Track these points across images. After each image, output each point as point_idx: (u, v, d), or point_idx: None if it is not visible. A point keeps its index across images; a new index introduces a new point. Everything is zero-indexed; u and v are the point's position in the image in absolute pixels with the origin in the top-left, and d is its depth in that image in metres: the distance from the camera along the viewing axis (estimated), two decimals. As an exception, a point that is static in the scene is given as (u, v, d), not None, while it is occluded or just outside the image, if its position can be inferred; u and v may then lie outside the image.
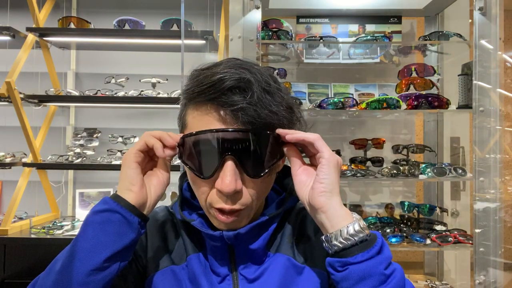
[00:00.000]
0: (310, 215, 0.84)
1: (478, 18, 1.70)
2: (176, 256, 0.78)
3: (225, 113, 0.66)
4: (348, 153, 2.33)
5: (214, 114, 0.67)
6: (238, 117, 0.65)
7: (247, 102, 0.65)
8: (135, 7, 2.73)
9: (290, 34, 2.09)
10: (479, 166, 1.69)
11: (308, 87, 2.26)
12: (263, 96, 0.67)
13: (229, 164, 0.66)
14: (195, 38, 2.28)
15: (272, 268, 0.76)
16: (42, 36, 2.37)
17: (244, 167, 0.67)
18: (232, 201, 0.68)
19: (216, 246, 0.74)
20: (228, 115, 0.66)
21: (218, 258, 0.75)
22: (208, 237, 0.74)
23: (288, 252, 0.78)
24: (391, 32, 2.27)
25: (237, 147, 0.66)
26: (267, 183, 0.73)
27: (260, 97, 0.66)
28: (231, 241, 0.73)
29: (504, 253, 1.67)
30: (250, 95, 0.65)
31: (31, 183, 2.42)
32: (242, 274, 0.75)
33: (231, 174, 0.66)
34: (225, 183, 0.65)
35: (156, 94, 2.31)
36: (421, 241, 1.84)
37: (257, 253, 0.76)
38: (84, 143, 2.50)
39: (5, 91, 2.12)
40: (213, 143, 0.66)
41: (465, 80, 1.91)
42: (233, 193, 0.67)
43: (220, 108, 0.66)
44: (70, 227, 2.24)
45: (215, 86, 0.66)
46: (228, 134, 0.65)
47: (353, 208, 2.30)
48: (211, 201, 0.69)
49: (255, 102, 0.65)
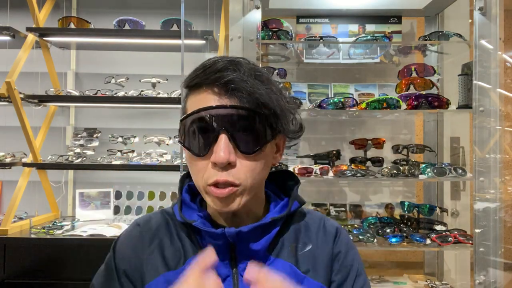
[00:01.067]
0: (313, 221, 0.83)
1: (478, 18, 1.70)
2: (172, 261, 0.78)
3: (218, 90, 0.70)
4: (348, 153, 2.33)
5: (208, 92, 0.71)
6: (230, 92, 0.69)
7: (238, 77, 0.69)
8: (135, 7, 2.73)
9: (290, 34, 2.09)
10: (479, 166, 1.69)
11: (308, 87, 2.26)
12: (253, 79, 0.71)
13: (223, 137, 0.69)
14: (195, 38, 2.28)
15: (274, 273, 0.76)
16: (42, 36, 2.37)
17: (236, 143, 0.70)
18: (227, 174, 0.70)
19: (218, 245, 0.74)
20: (221, 90, 0.70)
21: (219, 258, 0.74)
22: (210, 235, 0.74)
23: (290, 260, 0.78)
24: (391, 32, 2.27)
25: (230, 123, 0.69)
26: (261, 165, 0.74)
27: (250, 78, 0.70)
28: (232, 239, 0.73)
29: (504, 253, 1.67)
30: (242, 73, 0.70)
31: (31, 183, 2.42)
32: (243, 275, 0.74)
33: (225, 146, 0.69)
34: (219, 154, 0.68)
35: (156, 94, 2.31)
36: (421, 241, 1.84)
37: (258, 255, 0.76)
38: (84, 143, 2.50)
39: (5, 91, 2.12)
40: (207, 120, 0.70)
41: (465, 80, 1.91)
42: (226, 163, 0.69)
43: (214, 86, 0.71)
44: (70, 227, 2.24)
45: (209, 68, 0.71)
46: (221, 110, 0.69)
47: (353, 208, 2.30)
48: (207, 177, 0.71)
49: (246, 78, 0.70)
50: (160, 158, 2.39)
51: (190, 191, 0.84)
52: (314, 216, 0.87)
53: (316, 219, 0.86)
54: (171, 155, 2.43)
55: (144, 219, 0.84)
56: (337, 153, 2.13)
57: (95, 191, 2.51)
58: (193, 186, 0.83)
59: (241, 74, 0.70)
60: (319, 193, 2.47)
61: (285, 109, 0.75)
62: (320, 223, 0.85)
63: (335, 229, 0.84)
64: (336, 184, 2.47)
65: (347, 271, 0.81)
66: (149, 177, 2.58)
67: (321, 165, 2.00)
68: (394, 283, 2.12)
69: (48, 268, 2.04)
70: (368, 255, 2.63)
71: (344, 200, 2.45)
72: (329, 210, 2.26)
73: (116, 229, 2.16)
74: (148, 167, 2.31)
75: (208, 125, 0.70)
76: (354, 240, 1.86)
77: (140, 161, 2.36)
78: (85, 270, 2.01)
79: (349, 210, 2.29)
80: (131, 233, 0.83)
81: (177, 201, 0.82)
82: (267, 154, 0.75)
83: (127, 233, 0.84)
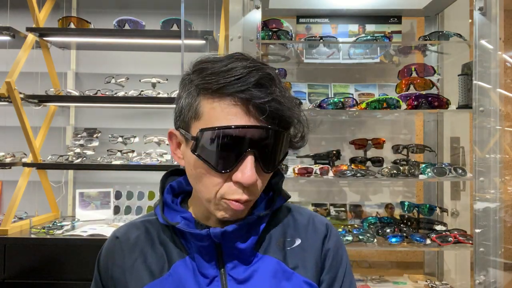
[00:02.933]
0: (301, 216, 0.83)
1: (478, 18, 1.70)
2: (156, 268, 0.76)
3: (251, 107, 0.66)
4: (348, 153, 2.33)
5: (237, 103, 0.66)
6: (263, 112, 0.66)
7: (272, 97, 0.66)
8: (135, 7, 2.73)
9: (290, 34, 2.09)
10: (479, 166, 1.69)
11: (308, 87, 2.26)
12: (282, 93, 0.69)
13: (250, 158, 0.68)
14: (195, 38, 2.28)
15: (262, 271, 0.75)
16: (42, 36, 2.37)
17: (261, 162, 0.69)
18: (248, 192, 0.70)
19: (203, 246, 0.73)
20: (255, 108, 0.66)
21: (206, 259, 0.74)
22: (195, 237, 0.73)
23: (278, 255, 0.77)
24: (391, 32, 2.27)
25: (259, 143, 0.68)
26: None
27: (281, 93, 0.68)
28: (218, 239, 0.72)
29: (504, 253, 1.67)
30: (273, 90, 0.67)
31: (31, 183, 2.42)
32: (231, 275, 0.74)
33: (252, 167, 0.67)
34: (247, 175, 0.67)
35: (156, 94, 2.31)
36: (421, 241, 1.84)
37: (245, 253, 0.75)
38: (84, 143, 2.50)
39: (5, 91, 2.12)
40: (238, 138, 0.67)
41: (465, 80, 1.91)
42: (252, 184, 0.69)
43: (247, 102, 0.66)
44: (70, 227, 2.24)
45: (242, 79, 0.66)
46: (254, 131, 0.67)
47: (353, 208, 2.30)
48: (225, 192, 0.70)
49: (277, 97, 0.67)
50: (160, 158, 2.39)
51: (172, 191, 0.83)
52: (302, 211, 0.86)
53: (304, 215, 0.85)
54: (171, 155, 2.43)
55: (122, 231, 0.82)
56: (337, 153, 2.13)
57: (95, 191, 2.51)
58: (175, 187, 0.83)
59: (277, 94, 0.67)
60: (319, 193, 2.47)
61: (300, 119, 0.74)
62: (310, 219, 0.84)
63: (325, 226, 0.83)
64: (336, 184, 2.47)
65: (336, 269, 0.81)
66: (149, 177, 2.58)
67: (321, 165, 2.00)
68: (394, 283, 2.12)
69: (48, 268, 2.04)
70: (368, 255, 2.63)
71: (344, 200, 2.45)
72: (329, 210, 2.26)
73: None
74: (148, 167, 2.31)
75: (237, 143, 0.67)
76: (354, 240, 1.86)
77: (140, 161, 2.36)
78: (85, 270, 2.01)
79: (349, 210, 2.29)
80: (110, 247, 0.81)
81: (159, 202, 0.80)
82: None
83: (107, 247, 0.82)
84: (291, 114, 0.69)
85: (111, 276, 0.78)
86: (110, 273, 0.78)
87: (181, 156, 0.76)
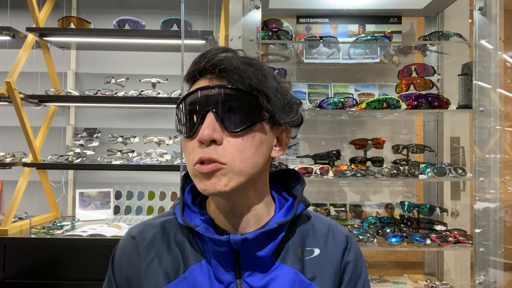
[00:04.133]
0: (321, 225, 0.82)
1: (478, 18, 1.70)
2: (172, 270, 0.75)
3: (209, 74, 0.72)
4: (348, 153, 2.33)
5: (201, 79, 0.73)
6: (218, 74, 0.71)
7: (227, 59, 0.71)
8: (135, 7, 2.73)
9: (290, 34, 2.09)
10: (479, 166, 1.69)
11: (308, 87, 2.26)
12: (244, 64, 0.72)
13: (209, 116, 0.70)
14: (195, 38, 2.28)
15: (279, 280, 0.74)
16: (42, 36, 2.37)
17: (223, 122, 0.70)
18: (211, 150, 0.70)
19: (221, 251, 0.72)
20: (212, 74, 0.72)
21: (223, 264, 0.73)
22: (213, 242, 0.72)
23: (296, 266, 0.76)
24: (391, 32, 2.27)
25: (216, 103, 0.70)
26: (252, 148, 0.72)
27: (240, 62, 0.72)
28: (237, 246, 0.71)
29: (504, 253, 1.67)
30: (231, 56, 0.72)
31: (31, 183, 2.42)
32: (247, 282, 0.73)
33: (209, 124, 0.69)
34: (203, 131, 0.69)
35: (156, 94, 2.31)
36: (421, 241, 1.84)
37: (263, 261, 0.74)
38: (84, 143, 2.50)
39: (5, 91, 2.13)
40: (195, 101, 0.71)
41: (465, 80, 1.91)
42: (209, 139, 0.69)
43: (206, 72, 0.72)
44: (70, 227, 2.24)
45: (202, 56, 0.73)
46: (208, 90, 0.71)
47: (353, 208, 2.30)
48: (193, 156, 0.71)
49: (236, 62, 0.71)
50: (160, 158, 2.39)
51: (192, 191, 0.82)
52: (323, 220, 0.84)
53: (325, 223, 0.83)
54: (171, 155, 2.43)
55: (138, 230, 0.81)
56: (337, 153, 2.13)
57: (95, 191, 2.51)
58: (195, 187, 0.81)
59: (231, 57, 0.72)
60: (319, 193, 2.46)
61: (278, 92, 0.75)
62: (330, 229, 0.82)
63: (345, 237, 0.82)
64: (336, 184, 2.47)
65: (355, 282, 0.80)
66: (149, 177, 2.58)
67: (321, 165, 2.00)
68: (394, 283, 2.11)
69: (48, 268, 2.04)
70: (368, 255, 2.63)
71: (344, 200, 2.45)
72: (329, 210, 2.26)
73: (116, 229, 2.16)
74: (148, 167, 2.31)
75: (196, 106, 0.71)
76: (354, 240, 1.86)
77: (140, 161, 2.36)
78: (85, 270, 2.01)
79: (349, 210, 2.28)
80: (126, 247, 0.80)
81: (179, 202, 0.79)
82: (262, 140, 0.73)
83: (122, 246, 0.81)
84: (250, 76, 0.71)
85: (125, 276, 0.77)
86: (124, 274, 0.78)
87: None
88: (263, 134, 0.73)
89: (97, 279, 1.96)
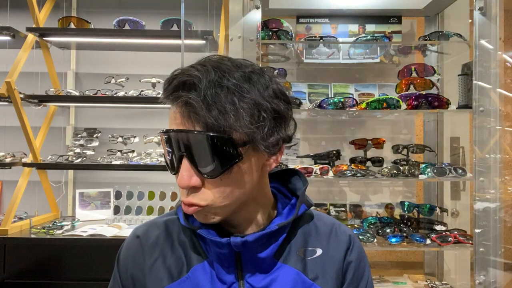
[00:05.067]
0: (324, 225, 0.81)
1: (478, 18, 1.70)
2: (175, 270, 0.76)
3: (175, 110, 0.68)
4: (348, 153, 2.33)
5: (174, 109, 0.69)
6: (185, 114, 0.66)
7: (192, 98, 0.63)
8: (135, 7, 2.73)
9: (290, 34, 2.09)
10: (479, 166, 1.69)
11: (308, 87, 2.26)
12: (216, 94, 0.64)
13: (184, 161, 0.68)
14: (195, 38, 2.28)
15: (280, 280, 0.74)
16: (42, 36, 2.37)
17: (196, 167, 0.67)
18: (192, 195, 0.69)
19: (223, 253, 0.72)
20: (177, 112, 0.67)
21: (225, 265, 0.73)
22: (215, 244, 0.72)
23: (298, 266, 0.76)
24: (391, 32, 2.27)
25: (188, 147, 0.67)
26: (236, 184, 0.69)
27: (211, 94, 0.63)
28: (238, 249, 0.71)
29: (504, 253, 1.67)
30: (199, 91, 0.64)
31: (31, 183, 2.42)
32: (249, 282, 0.73)
33: (186, 171, 0.67)
34: (179, 179, 0.68)
35: (156, 94, 2.31)
36: (421, 241, 1.84)
37: (265, 262, 0.74)
38: (84, 143, 2.50)
39: (5, 91, 2.12)
40: (171, 142, 0.69)
41: (465, 80, 1.91)
42: (187, 188, 0.68)
43: (174, 105, 0.68)
44: (70, 227, 2.24)
45: (170, 83, 0.67)
46: (179, 134, 0.67)
47: (353, 208, 2.31)
48: (181, 194, 0.72)
49: (202, 99, 0.63)
50: (160, 158, 2.39)
51: None
52: (325, 219, 0.84)
53: (327, 223, 0.83)
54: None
55: (143, 230, 0.82)
56: (337, 153, 2.13)
57: (95, 191, 2.51)
58: None
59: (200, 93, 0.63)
60: (319, 193, 2.47)
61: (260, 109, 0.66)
62: (332, 228, 0.82)
63: (348, 237, 0.81)
64: (336, 184, 2.47)
65: (357, 282, 0.80)
66: (149, 177, 2.58)
67: (321, 165, 2.00)
68: (394, 283, 2.12)
69: (48, 268, 2.04)
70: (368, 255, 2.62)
71: (344, 200, 2.45)
72: (329, 210, 2.26)
73: (116, 229, 2.15)
74: (148, 167, 2.31)
75: (172, 147, 0.69)
76: (354, 240, 1.86)
77: (140, 161, 2.36)
78: (85, 270, 2.01)
79: (349, 210, 2.29)
80: (131, 246, 0.81)
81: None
82: (244, 171, 0.69)
83: (127, 245, 0.82)
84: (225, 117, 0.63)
85: (131, 275, 0.78)
86: (130, 273, 0.78)
87: None
88: (245, 165, 0.69)
89: (97, 279, 1.96)
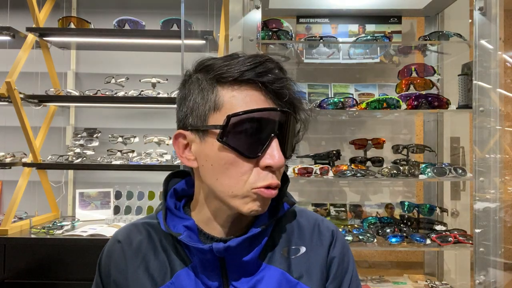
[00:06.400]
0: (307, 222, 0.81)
1: (478, 18, 1.70)
2: (159, 276, 0.75)
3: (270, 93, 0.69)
4: (348, 153, 2.33)
5: (259, 92, 0.69)
6: (280, 97, 0.70)
7: (287, 83, 0.71)
8: (135, 7, 2.73)
9: (290, 34, 2.09)
10: (479, 166, 1.69)
11: (308, 87, 2.26)
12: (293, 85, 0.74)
13: (275, 141, 0.69)
14: (195, 38, 2.28)
15: (265, 281, 0.74)
16: (42, 36, 2.37)
17: (283, 147, 0.70)
18: (277, 177, 0.71)
19: (206, 259, 0.72)
20: (272, 94, 0.70)
21: (209, 270, 0.73)
22: (197, 250, 0.71)
23: (283, 266, 0.75)
24: (391, 32, 2.27)
25: (282, 127, 0.70)
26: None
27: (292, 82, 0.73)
28: (221, 254, 0.71)
29: (504, 253, 1.67)
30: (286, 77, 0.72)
31: (31, 183, 2.42)
32: (234, 285, 0.73)
33: (279, 150, 0.68)
34: (277, 158, 0.68)
35: (156, 94, 2.31)
36: (421, 241, 1.84)
37: (250, 264, 0.74)
38: (84, 143, 2.50)
39: (5, 91, 2.12)
40: (265, 121, 0.68)
41: (465, 80, 1.91)
42: (282, 167, 0.70)
43: (265, 87, 0.69)
44: (70, 227, 2.24)
45: (261, 66, 0.69)
46: (277, 114, 0.69)
47: (353, 208, 2.31)
48: (255, 180, 0.68)
49: (291, 84, 0.72)
50: (160, 158, 2.39)
51: (175, 195, 0.80)
52: (308, 216, 0.84)
53: (310, 220, 0.82)
54: (171, 155, 2.43)
55: (124, 234, 0.80)
56: (337, 153, 2.13)
57: (95, 191, 2.51)
58: (179, 190, 0.81)
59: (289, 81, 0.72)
60: (319, 193, 2.47)
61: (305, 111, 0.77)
62: (315, 224, 0.81)
63: (330, 232, 0.81)
64: (336, 184, 2.47)
65: (341, 277, 0.79)
66: (149, 177, 2.58)
67: (321, 165, 2.00)
68: (394, 283, 2.12)
69: (48, 268, 2.04)
70: (368, 255, 2.63)
71: (344, 200, 2.45)
72: (329, 210, 2.26)
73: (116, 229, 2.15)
74: (148, 167, 2.31)
75: (263, 126, 0.68)
76: (354, 240, 1.86)
77: (140, 161, 2.36)
78: (85, 270, 2.01)
79: (349, 210, 2.28)
80: (112, 251, 0.79)
81: (161, 208, 0.78)
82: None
83: (109, 250, 0.80)
84: (300, 102, 0.73)
85: (113, 281, 0.77)
86: (112, 278, 0.77)
87: (192, 157, 0.73)
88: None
89: (97, 279, 1.96)
